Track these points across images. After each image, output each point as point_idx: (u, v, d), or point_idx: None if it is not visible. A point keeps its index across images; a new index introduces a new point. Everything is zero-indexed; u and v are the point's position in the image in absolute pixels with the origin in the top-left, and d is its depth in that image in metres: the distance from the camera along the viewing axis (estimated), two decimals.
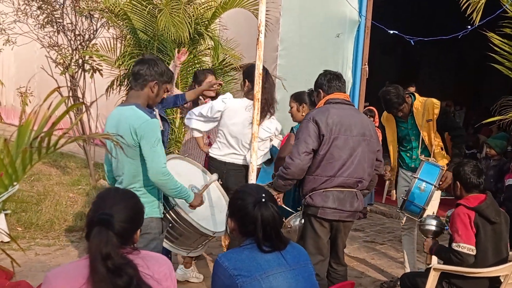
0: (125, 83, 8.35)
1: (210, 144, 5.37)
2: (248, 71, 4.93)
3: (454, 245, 4.00)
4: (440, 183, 4.98)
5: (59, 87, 2.68)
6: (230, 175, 4.88)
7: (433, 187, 4.88)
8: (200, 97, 5.58)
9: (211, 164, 5.02)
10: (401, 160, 5.55)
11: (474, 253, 3.94)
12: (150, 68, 3.62)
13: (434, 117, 5.21)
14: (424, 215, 4.84)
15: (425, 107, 5.23)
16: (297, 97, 5.20)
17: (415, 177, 4.91)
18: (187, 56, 5.72)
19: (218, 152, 4.98)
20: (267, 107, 4.87)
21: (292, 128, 5.27)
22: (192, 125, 5.02)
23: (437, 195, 5.21)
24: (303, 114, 5.04)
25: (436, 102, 5.28)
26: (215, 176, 4.48)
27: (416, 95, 5.37)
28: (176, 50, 5.54)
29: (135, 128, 3.47)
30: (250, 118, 4.41)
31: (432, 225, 4.44)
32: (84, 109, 9.10)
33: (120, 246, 2.30)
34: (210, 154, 5.04)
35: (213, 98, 5.46)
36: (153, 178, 3.53)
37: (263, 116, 4.80)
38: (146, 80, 3.62)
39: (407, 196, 4.94)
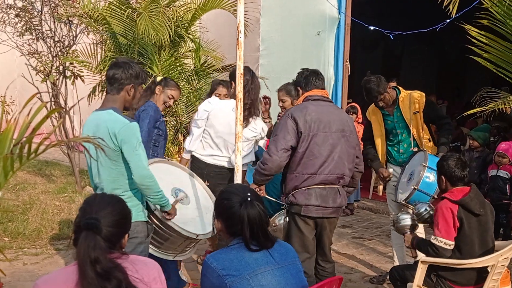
0: None
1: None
2: (235, 73, 4.95)
3: (432, 238, 4.04)
4: None
5: (38, 93, 2.65)
6: (211, 177, 4.88)
7: None
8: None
9: (193, 164, 5.05)
10: (388, 154, 5.53)
11: (451, 247, 3.97)
12: (125, 72, 3.58)
13: (420, 109, 5.21)
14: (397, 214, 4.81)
15: (410, 99, 5.23)
16: (289, 92, 5.21)
17: (424, 166, 4.83)
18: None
19: (201, 151, 5.00)
20: (253, 109, 4.89)
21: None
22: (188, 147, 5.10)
23: None
24: None
25: (420, 93, 5.28)
26: (182, 194, 4.39)
27: (401, 88, 5.36)
28: None
29: (115, 132, 3.44)
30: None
31: (406, 219, 4.44)
32: (66, 115, 9.03)
33: (108, 250, 2.29)
34: (193, 153, 5.06)
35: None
36: (138, 181, 3.51)
37: (249, 117, 4.82)
38: (122, 84, 3.59)
39: (417, 184, 4.82)
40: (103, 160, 3.53)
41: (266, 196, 4.68)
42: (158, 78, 5.18)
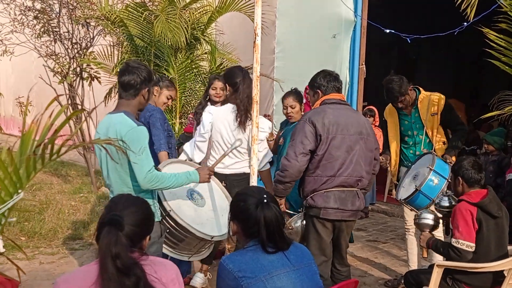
0: None
1: None
2: (226, 76, 4.93)
3: (453, 240, 4.02)
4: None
5: (58, 96, 2.68)
6: (233, 186, 4.78)
7: (446, 182, 4.78)
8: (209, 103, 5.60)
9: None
10: (403, 157, 5.48)
11: (472, 250, 3.95)
12: (140, 77, 3.55)
13: (439, 111, 5.18)
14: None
15: (430, 101, 5.20)
16: (298, 96, 5.19)
17: (430, 169, 4.79)
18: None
19: (218, 164, 4.91)
20: (249, 107, 4.82)
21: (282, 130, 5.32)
22: (185, 149, 5.05)
23: None
24: (302, 113, 5.16)
25: (441, 95, 5.24)
26: (238, 142, 4.38)
27: (421, 89, 5.32)
28: None
29: (122, 135, 3.43)
30: (234, 121, 4.64)
31: (428, 219, 4.42)
32: (84, 117, 9.12)
33: (129, 248, 2.33)
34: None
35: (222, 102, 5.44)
36: (142, 186, 3.49)
37: (246, 120, 4.80)
38: (137, 89, 3.57)
39: (420, 186, 4.78)
40: (110, 162, 3.53)
41: (287, 211, 4.66)
42: None
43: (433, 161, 4.86)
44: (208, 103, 5.60)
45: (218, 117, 4.84)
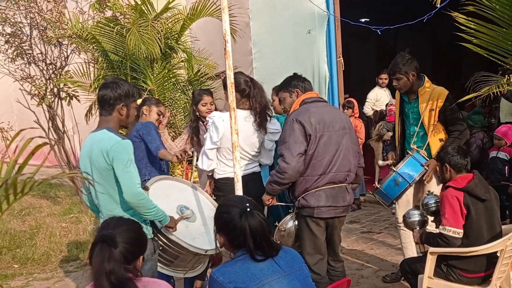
0: None
1: None
2: (226, 81, 4.84)
3: (440, 227, 4.04)
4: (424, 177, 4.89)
5: (23, 130, 2.60)
6: (245, 185, 4.36)
7: (408, 185, 4.84)
8: (201, 122, 5.50)
9: (222, 186, 4.70)
10: (407, 141, 5.27)
11: (460, 236, 3.96)
12: (113, 92, 3.54)
13: (437, 108, 4.96)
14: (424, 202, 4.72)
15: (431, 95, 4.99)
16: (277, 92, 5.19)
17: (394, 170, 4.86)
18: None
19: (229, 169, 4.62)
20: (264, 112, 4.72)
21: None
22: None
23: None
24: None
25: (442, 91, 5.02)
26: (189, 212, 4.29)
27: (426, 79, 5.10)
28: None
29: (107, 150, 3.41)
30: (251, 128, 4.60)
31: (416, 215, 4.47)
32: (66, 138, 9.02)
33: (123, 264, 2.34)
34: (218, 176, 4.72)
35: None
36: (128, 199, 3.45)
37: (265, 120, 4.70)
38: (112, 104, 3.56)
39: (381, 185, 4.91)
40: (98, 181, 3.51)
41: (278, 203, 4.63)
42: (138, 101, 5.08)
43: (402, 161, 4.93)
44: (201, 122, 5.50)
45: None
